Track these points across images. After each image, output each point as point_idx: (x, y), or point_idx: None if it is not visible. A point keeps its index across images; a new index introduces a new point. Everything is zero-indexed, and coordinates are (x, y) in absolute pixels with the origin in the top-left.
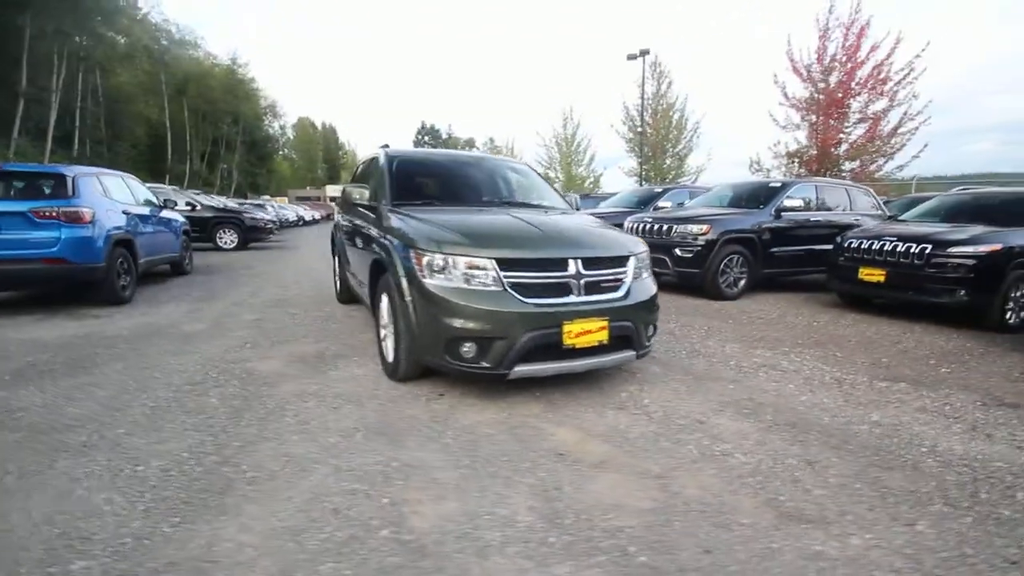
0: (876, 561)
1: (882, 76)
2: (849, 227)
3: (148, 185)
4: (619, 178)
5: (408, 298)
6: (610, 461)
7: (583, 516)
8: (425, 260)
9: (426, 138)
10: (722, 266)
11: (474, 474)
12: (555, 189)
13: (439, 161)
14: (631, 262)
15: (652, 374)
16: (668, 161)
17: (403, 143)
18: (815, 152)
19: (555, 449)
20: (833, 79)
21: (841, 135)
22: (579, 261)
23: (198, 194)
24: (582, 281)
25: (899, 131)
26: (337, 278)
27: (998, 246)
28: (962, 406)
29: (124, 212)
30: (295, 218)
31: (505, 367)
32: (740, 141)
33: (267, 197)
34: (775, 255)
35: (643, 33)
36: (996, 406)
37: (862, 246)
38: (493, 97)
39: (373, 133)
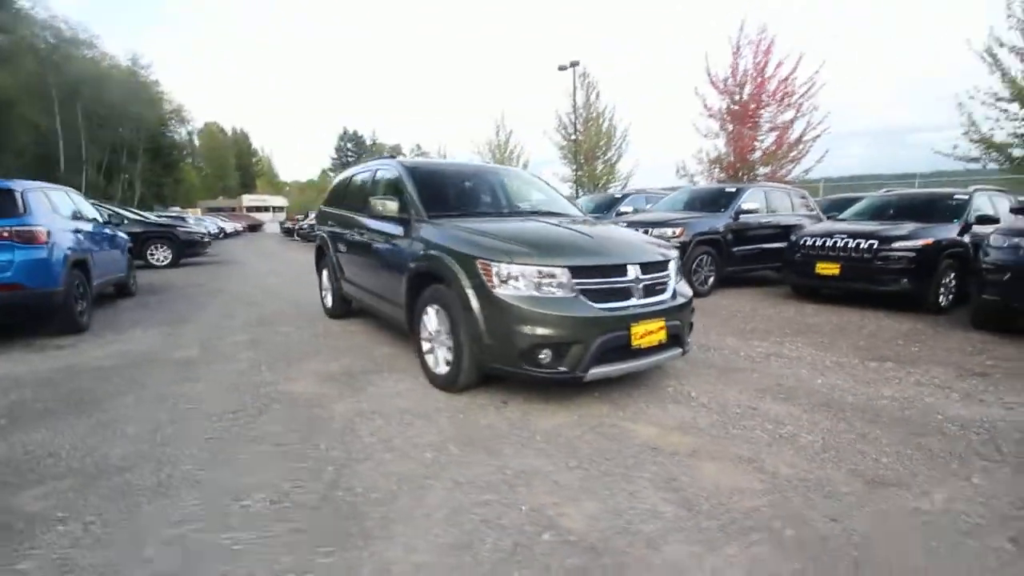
0: (963, 510)
1: (788, 90)
2: (793, 227)
3: None
4: (553, 184)
5: (476, 308)
6: (700, 450)
7: (715, 501)
8: (495, 271)
9: (349, 144)
10: (694, 266)
11: (588, 474)
12: (564, 197)
13: (459, 172)
14: (672, 265)
15: (679, 369)
16: (600, 167)
17: (324, 149)
18: (733, 159)
19: (646, 444)
20: (746, 92)
21: (755, 143)
22: (637, 266)
23: (121, 207)
24: (641, 285)
25: (803, 139)
26: (328, 293)
27: (931, 240)
28: (946, 378)
29: (75, 230)
30: (216, 231)
31: (581, 370)
32: (668, 148)
33: (177, 209)
34: (736, 254)
35: (573, 43)
36: (971, 376)
37: (817, 243)
38: (420, 102)
39: (289, 138)
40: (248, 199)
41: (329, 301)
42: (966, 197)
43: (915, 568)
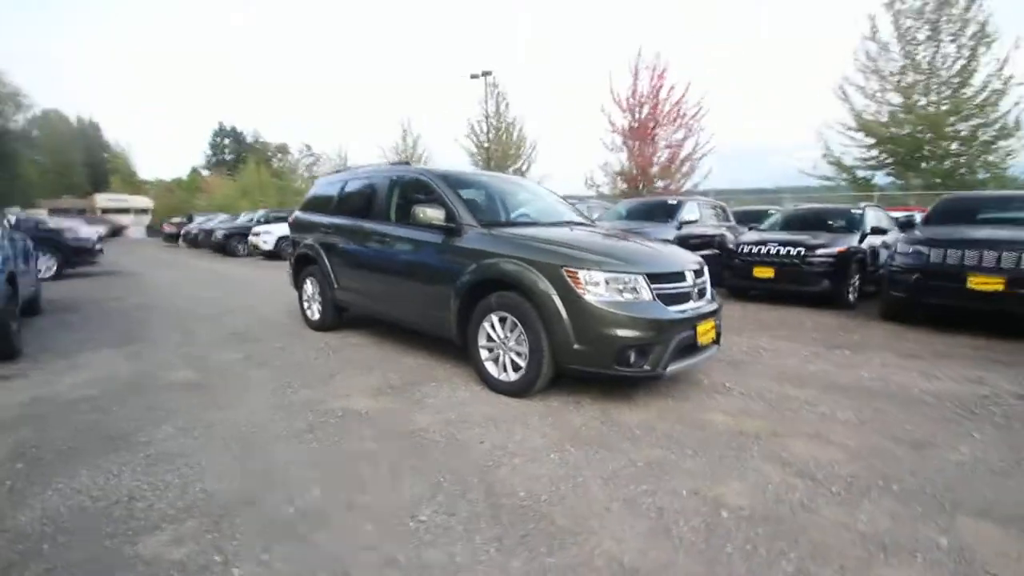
0: (986, 458)
1: (680, 111)
2: (716, 236)
3: None
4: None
5: (564, 315)
6: (776, 431)
7: (825, 470)
8: (583, 278)
9: (226, 140)
10: None
11: (710, 459)
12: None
13: (485, 181)
14: (705, 271)
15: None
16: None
17: (194, 145)
18: (635, 172)
19: (730, 430)
20: (644, 112)
21: (654, 158)
22: (691, 273)
23: None
24: (696, 289)
25: (693, 156)
26: (314, 304)
27: (844, 247)
28: (896, 360)
29: None
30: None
31: (662, 367)
32: (579, 159)
33: (16, 209)
34: None
35: (484, 54)
36: (911, 358)
37: (754, 251)
38: (310, 101)
39: (150, 133)
40: (103, 199)
41: (315, 313)
42: (861, 211)
43: (989, 499)
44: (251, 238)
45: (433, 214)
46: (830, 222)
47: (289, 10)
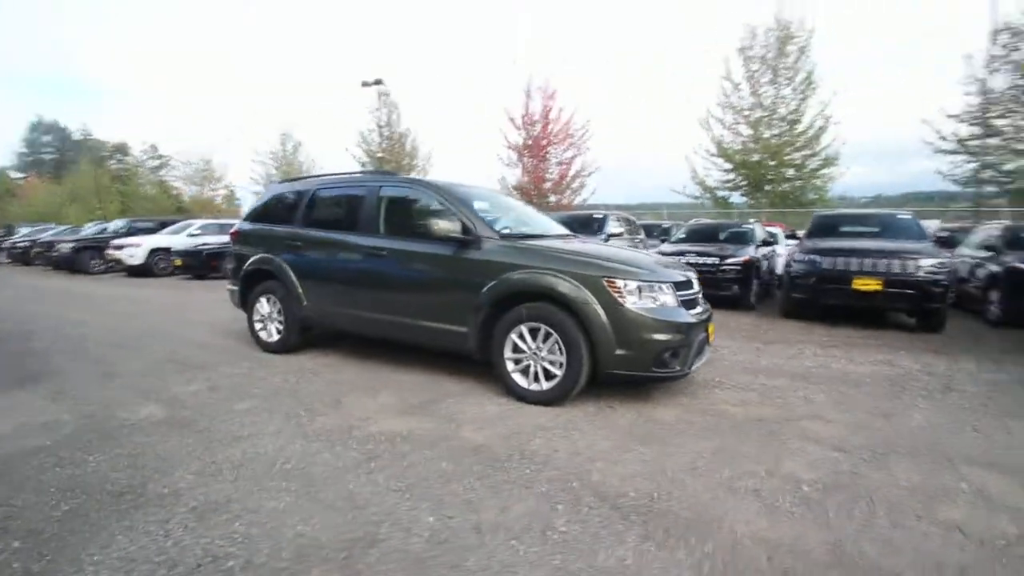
0: (939, 423)
1: (568, 132)
2: (631, 247)
3: None
4: None
5: (605, 322)
6: (792, 416)
7: (856, 442)
8: (624, 287)
9: (46, 137)
10: None
11: (756, 445)
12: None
13: (477, 192)
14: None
15: None
16: None
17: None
18: (531, 187)
19: (754, 419)
20: (536, 130)
21: (547, 174)
22: (695, 281)
23: None
24: (699, 295)
25: (581, 174)
26: (269, 325)
27: (747, 257)
28: (821, 351)
29: None
30: None
31: (688, 367)
32: (476, 172)
33: None
34: None
35: (374, 60)
36: (830, 348)
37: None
38: (159, 96)
39: None
40: None
41: (273, 334)
42: (752, 226)
43: (967, 452)
44: (112, 252)
45: (448, 226)
46: (731, 235)
47: None
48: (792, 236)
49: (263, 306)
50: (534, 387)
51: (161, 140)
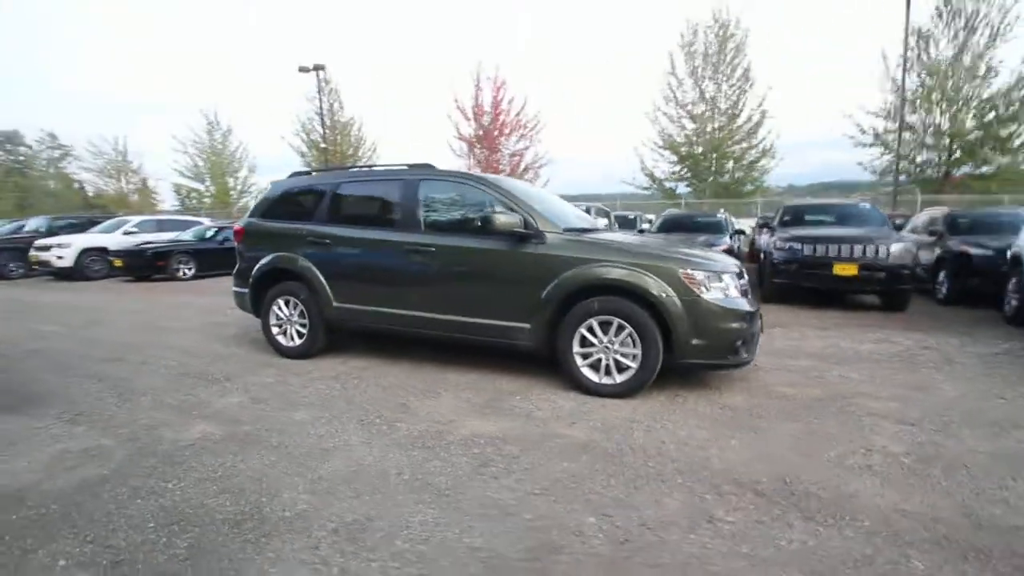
0: (967, 392)
1: (519, 122)
2: None
3: None
4: None
5: (683, 314)
6: (841, 393)
7: (912, 416)
8: (700, 279)
9: None
10: None
11: (835, 424)
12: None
13: (519, 184)
14: None
15: None
16: None
17: None
18: None
19: (809, 397)
20: (487, 121)
21: (499, 165)
22: (744, 272)
23: None
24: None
25: (533, 165)
26: (289, 328)
27: (726, 245)
28: (820, 334)
29: None
30: None
31: (752, 355)
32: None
33: None
34: None
35: (314, 46)
36: (825, 330)
37: None
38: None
39: None
40: None
41: (294, 338)
42: (724, 217)
43: (1005, 418)
44: (36, 254)
45: (508, 221)
46: (707, 225)
47: None
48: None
49: (280, 310)
50: (606, 380)
51: (59, 127)
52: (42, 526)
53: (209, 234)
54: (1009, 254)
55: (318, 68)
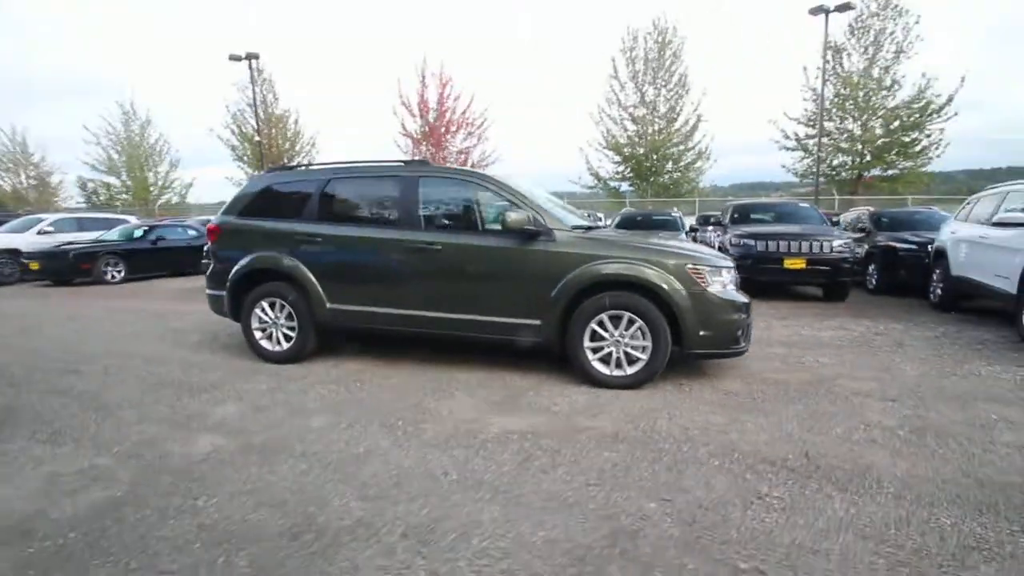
0: (928, 372)
1: (466, 120)
2: None
3: None
4: (225, 189)
5: (690, 307)
6: (824, 377)
7: (890, 394)
8: (706, 274)
9: None
10: None
11: (833, 402)
12: None
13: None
14: None
15: None
16: None
17: None
18: None
19: (800, 381)
20: (432, 118)
21: (447, 163)
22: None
23: None
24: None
25: (481, 164)
26: (279, 331)
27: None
28: (781, 323)
29: None
30: None
31: (748, 344)
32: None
33: None
34: None
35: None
36: (784, 319)
37: None
38: None
39: None
40: None
41: (281, 342)
42: (679, 215)
43: (969, 393)
44: None
45: (519, 218)
46: (663, 223)
47: None
48: None
49: (263, 313)
50: (617, 373)
51: None
52: (67, 557)
53: (138, 233)
54: (932, 248)
55: (251, 57)
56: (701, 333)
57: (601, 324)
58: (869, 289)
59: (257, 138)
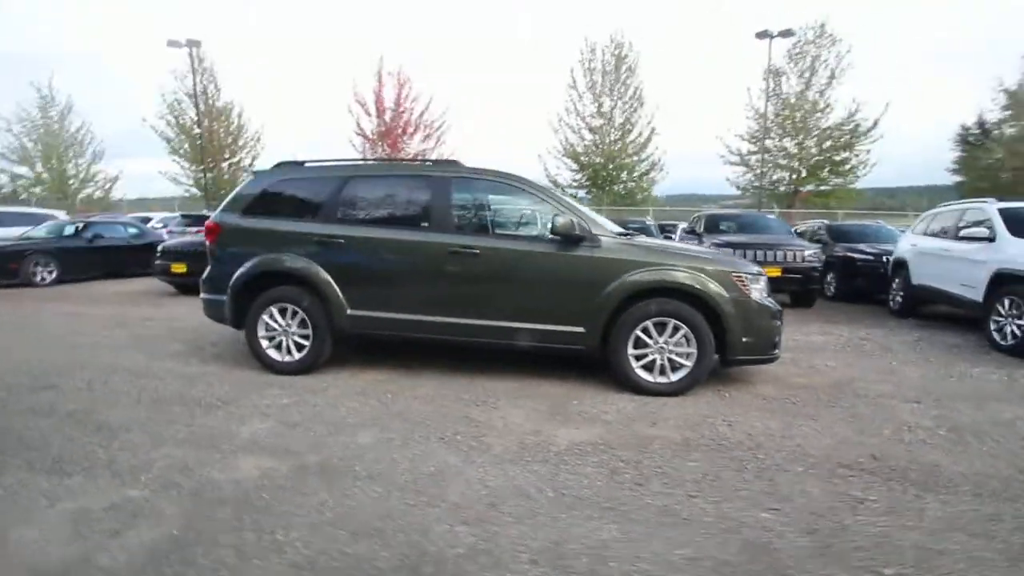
0: (927, 374)
1: (424, 121)
2: None
3: None
4: (162, 184)
5: (734, 314)
6: (842, 379)
7: (908, 395)
8: (748, 281)
9: None
10: None
11: (867, 406)
12: None
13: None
14: None
15: None
16: (226, 169)
17: None
18: None
19: (823, 384)
20: (389, 118)
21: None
22: None
23: None
24: None
25: None
26: (290, 340)
27: None
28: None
29: None
30: None
31: (779, 350)
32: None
33: None
34: None
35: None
36: None
37: None
38: None
39: None
40: None
41: (292, 351)
42: (652, 222)
43: (976, 393)
44: None
45: (565, 223)
46: (640, 230)
47: None
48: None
49: (272, 320)
50: (661, 380)
51: None
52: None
53: (70, 231)
54: (891, 259)
55: (192, 44)
56: (744, 340)
57: (645, 331)
58: (828, 296)
59: (197, 130)
